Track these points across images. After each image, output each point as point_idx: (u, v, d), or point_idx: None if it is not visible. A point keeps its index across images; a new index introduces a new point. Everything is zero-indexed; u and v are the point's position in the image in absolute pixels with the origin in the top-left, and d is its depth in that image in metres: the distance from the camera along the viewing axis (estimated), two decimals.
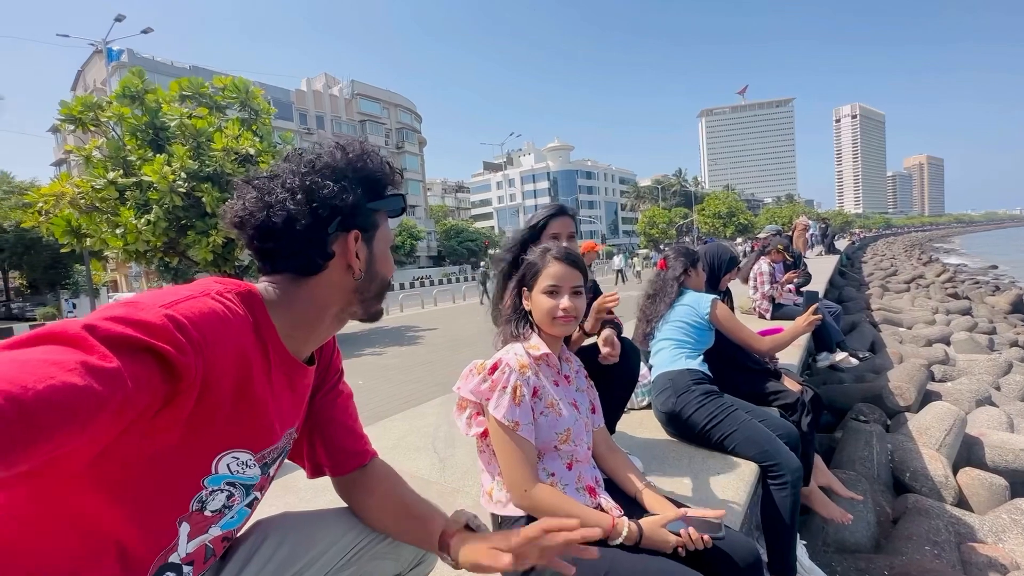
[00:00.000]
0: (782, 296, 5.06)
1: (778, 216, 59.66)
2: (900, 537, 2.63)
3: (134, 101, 9.65)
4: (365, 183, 0.80)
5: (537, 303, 1.26)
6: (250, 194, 0.76)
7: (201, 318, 0.62)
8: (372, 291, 0.84)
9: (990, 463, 3.51)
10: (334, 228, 0.76)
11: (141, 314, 0.56)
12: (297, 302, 0.77)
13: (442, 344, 9.26)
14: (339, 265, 0.78)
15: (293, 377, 0.80)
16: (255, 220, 0.74)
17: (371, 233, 0.82)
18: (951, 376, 6.17)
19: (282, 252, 0.76)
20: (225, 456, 0.70)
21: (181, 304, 0.61)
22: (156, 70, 32.79)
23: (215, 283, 0.71)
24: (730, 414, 2.00)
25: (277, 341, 0.75)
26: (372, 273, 0.82)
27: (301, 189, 0.74)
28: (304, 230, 0.74)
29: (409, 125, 55.17)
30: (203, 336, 0.60)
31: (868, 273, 20.37)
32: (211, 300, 0.66)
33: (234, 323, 0.67)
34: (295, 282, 0.77)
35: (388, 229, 0.86)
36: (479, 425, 1.20)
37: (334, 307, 0.81)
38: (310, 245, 0.75)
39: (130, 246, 9.27)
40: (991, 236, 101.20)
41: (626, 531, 1.07)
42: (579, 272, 1.27)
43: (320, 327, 0.82)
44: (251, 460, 0.73)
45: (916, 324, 9.81)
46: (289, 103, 43.63)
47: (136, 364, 0.53)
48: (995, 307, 12.87)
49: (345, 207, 0.76)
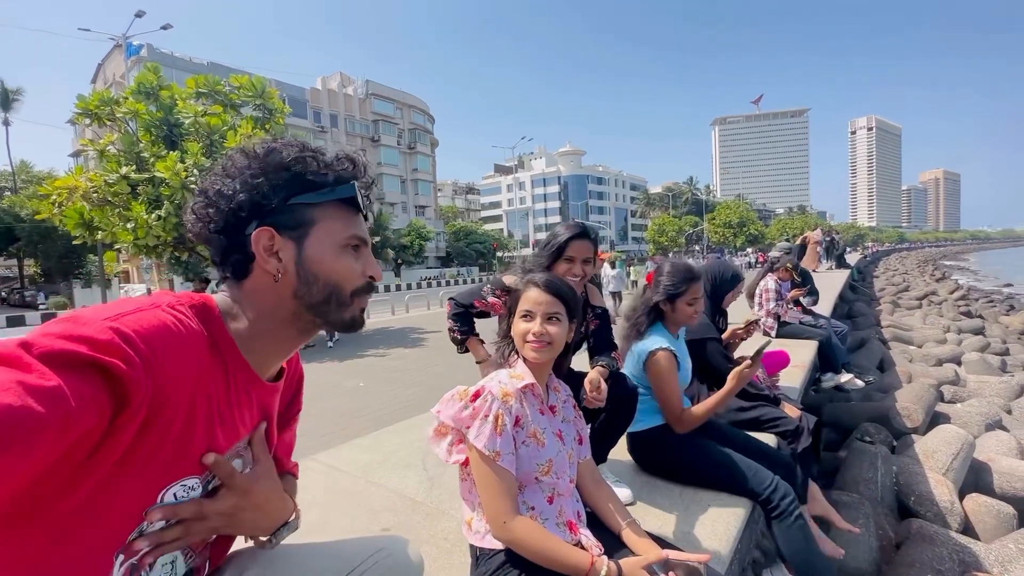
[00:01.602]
0: (787, 314, 4.98)
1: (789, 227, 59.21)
2: (903, 564, 2.58)
3: (149, 97, 9.78)
4: (283, 178, 0.75)
5: (515, 328, 1.27)
6: (198, 202, 0.77)
7: (150, 331, 0.59)
8: (315, 295, 0.77)
9: (998, 490, 3.44)
10: (252, 229, 0.74)
11: (83, 329, 0.53)
12: (245, 309, 0.75)
13: (447, 348, 9.20)
14: (261, 266, 0.75)
15: (255, 395, 0.76)
16: (195, 229, 0.77)
17: (300, 231, 0.76)
18: (961, 397, 6.05)
19: (215, 256, 0.77)
20: (174, 486, 0.65)
21: (128, 316, 0.59)
22: (175, 65, 33.25)
23: (167, 295, 0.69)
24: (706, 456, 1.91)
25: (237, 356, 0.72)
26: (307, 275, 0.76)
27: (213, 194, 0.75)
28: (220, 232, 0.74)
29: (422, 126, 55.44)
30: (153, 351, 0.57)
31: (880, 288, 20.11)
32: (162, 312, 0.63)
33: (187, 338, 0.64)
34: (236, 287, 0.76)
35: (337, 226, 0.78)
36: (460, 453, 1.17)
37: (282, 313, 0.76)
38: (227, 246, 0.75)
39: (140, 240, 9.38)
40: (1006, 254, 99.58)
41: (604, 571, 1.04)
42: (558, 300, 1.25)
43: (278, 337, 0.77)
44: (197, 483, 0.69)
45: (927, 342, 9.64)
46: (304, 101, 44.01)
47: (79, 381, 0.50)
48: (1009, 327, 12.63)
49: (255, 204, 0.74)
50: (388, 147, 50.76)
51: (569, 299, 1.27)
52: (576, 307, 1.29)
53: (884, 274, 28.39)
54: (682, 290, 2.01)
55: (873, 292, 18.22)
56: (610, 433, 1.83)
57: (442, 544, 1.63)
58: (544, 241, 1.96)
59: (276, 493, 0.80)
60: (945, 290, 20.39)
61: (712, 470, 1.89)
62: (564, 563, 1.06)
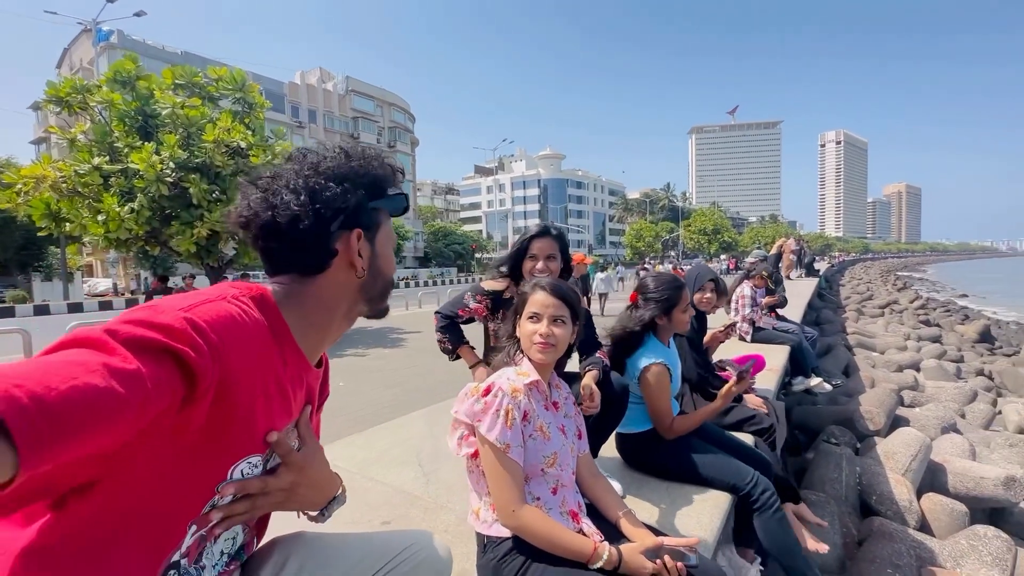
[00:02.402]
0: (761, 320, 5.19)
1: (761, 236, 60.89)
2: (864, 559, 2.72)
3: (125, 87, 9.49)
4: (367, 183, 0.82)
5: (522, 328, 1.34)
6: (254, 194, 0.77)
7: (219, 321, 0.64)
8: (377, 289, 0.86)
9: (952, 489, 3.63)
10: (336, 227, 0.78)
11: (161, 317, 0.58)
12: (306, 302, 0.79)
13: (426, 348, 9.22)
14: (342, 263, 0.80)
15: (305, 379, 0.82)
16: (260, 220, 0.76)
17: (373, 232, 0.83)
18: (919, 402, 6.37)
19: (286, 251, 0.78)
20: (241, 463, 0.71)
21: (199, 307, 0.63)
22: (146, 53, 32.13)
23: (230, 287, 0.73)
24: (691, 455, 2.01)
25: (292, 342, 0.77)
26: (375, 271, 0.84)
27: (305, 190, 0.76)
28: (307, 229, 0.75)
29: (402, 124, 54.97)
30: (221, 339, 0.62)
31: (845, 296, 20.89)
32: (227, 303, 0.68)
33: (251, 327, 0.69)
34: (301, 282, 0.79)
35: (391, 228, 0.88)
36: (469, 446, 1.24)
37: (342, 306, 0.83)
38: (314, 244, 0.77)
39: (111, 234, 9.09)
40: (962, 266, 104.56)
41: (606, 556, 1.12)
42: (563, 303, 1.32)
43: (331, 327, 0.83)
44: (259, 461, 0.74)
45: (888, 349, 10.12)
46: (282, 95, 43.12)
47: (156, 366, 0.54)
48: (964, 336, 13.34)
49: (348, 207, 0.78)
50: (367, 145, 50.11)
51: (573, 302, 1.34)
52: (579, 310, 1.37)
53: (850, 283, 29.45)
54: (676, 300, 2.08)
55: (839, 300, 18.92)
56: (601, 429, 1.92)
57: (443, 536, 1.69)
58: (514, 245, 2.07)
59: (326, 469, 0.86)
60: (906, 299, 21.33)
61: (697, 468, 1.99)
62: (569, 549, 1.14)
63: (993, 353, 11.97)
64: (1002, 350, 12.57)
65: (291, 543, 0.90)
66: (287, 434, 0.79)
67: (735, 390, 2.03)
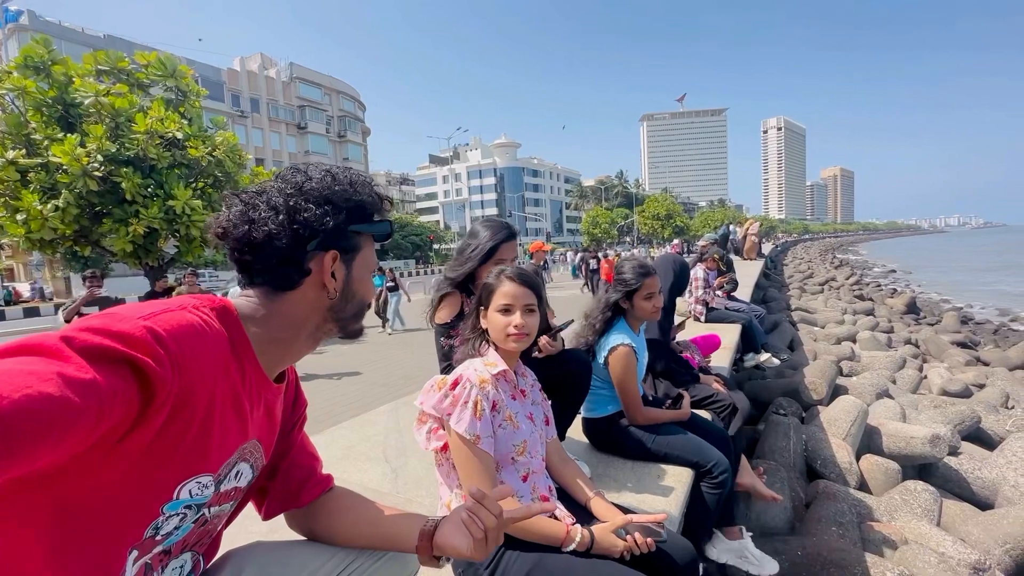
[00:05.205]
0: (714, 300, 5.42)
1: (711, 220, 63.18)
2: (812, 519, 2.91)
3: (39, 73, 8.66)
4: (350, 207, 0.82)
5: (492, 321, 1.32)
6: (236, 206, 0.78)
7: (180, 331, 0.62)
8: (348, 311, 0.86)
9: (886, 450, 3.92)
10: (313, 247, 0.78)
11: (120, 325, 0.56)
12: (272, 317, 0.78)
13: (387, 343, 9.07)
14: (314, 283, 0.80)
15: (264, 395, 0.80)
16: (237, 232, 0.77)
17: (352, 255, 0.84)
18: (856, 371, 6.83)
19: (260, 265, 0.78)
20: (189, 482, 0.68)
21: (159, 316, 0.61)
22: (63, 37, 29.55)
23: (191, 298, 0.71)
24: (660, 436, 2.07)
25: (252, 357, 0.75)
26: (348, 293, 0.84)
27: (285, 208, 0.77)
28: (283, 247, 0.76)
29: (352, 113, 53.23)
30: (181, 349, 0.60)
31: (788, 275, 22.10)
32: (188, 313, 0.66)
33: (211, 338, 0.67)
34: (271, 296, 0.79)
35: (371, 253, 0.88)
36: (439, 439, 1.23)
37: (308, 324, 0.82)
38: (288, 261, 0.77)
39: (33, 234, 8.36)
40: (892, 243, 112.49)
41: (579, 538, 1.15)
42: (532, 291, 1.33)
43: (294, 344, 0.82)
44: (210, 481, 0.72)
45: (828, 323, 10.80)
46: (220, 83, 40.73)
47: (113, 375, 0.52)
48: (893, 308, 14.43)
49: (326, 229, 0.78)
50: (316, 135, 48.26)
51: (540, 289, 1.35)
52: (544, 296, 1.38)
53: (792, 262, 31.15)
54: (636, 286, 2.07)
55: (783, 279, 20.01)
56: (566, 407, 1.93)
57: None
58: (462, 246, 1.94)
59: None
60: (842, 276, 22.81)
61: (665, 449, 2.06)
62: (543, 534, 1.16)
63: (919, 323, 13.03)
64: (926, 320, 13.72)
65: (246, 554, 0.87)
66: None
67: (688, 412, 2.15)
